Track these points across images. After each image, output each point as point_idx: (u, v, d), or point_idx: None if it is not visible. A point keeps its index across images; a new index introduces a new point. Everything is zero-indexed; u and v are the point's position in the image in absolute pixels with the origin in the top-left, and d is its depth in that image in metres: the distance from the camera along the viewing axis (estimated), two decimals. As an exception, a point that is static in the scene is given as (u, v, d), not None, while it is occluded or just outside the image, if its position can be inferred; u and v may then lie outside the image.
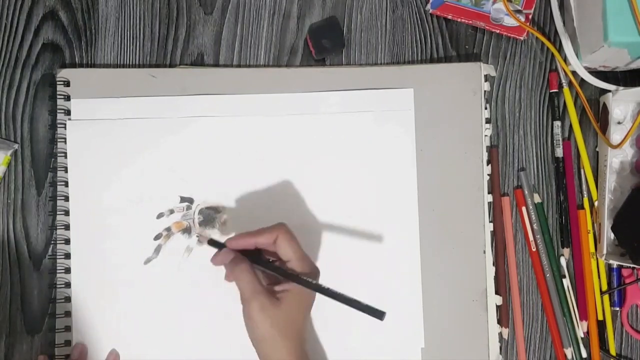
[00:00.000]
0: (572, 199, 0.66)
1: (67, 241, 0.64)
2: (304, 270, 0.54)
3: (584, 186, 0.66)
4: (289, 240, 0.54)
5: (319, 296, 0.54)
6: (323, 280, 0.54)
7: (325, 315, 0.63)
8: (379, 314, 0.50)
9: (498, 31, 0.67)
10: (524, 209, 0.66)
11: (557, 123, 0.66)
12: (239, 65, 0.67)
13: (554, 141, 0.67)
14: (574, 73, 0.66)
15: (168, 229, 0.64)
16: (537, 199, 0.66)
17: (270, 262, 0.56)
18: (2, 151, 0.64)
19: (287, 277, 0.54)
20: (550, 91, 0.67)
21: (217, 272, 0.59)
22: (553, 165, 0.67)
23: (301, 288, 0.53)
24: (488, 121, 0.66)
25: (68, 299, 0.63)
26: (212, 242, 0.57)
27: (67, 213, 0.64)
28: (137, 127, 0.64)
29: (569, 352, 0.65)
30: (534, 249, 0.66)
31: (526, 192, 0.66)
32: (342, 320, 0.63)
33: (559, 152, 0.66)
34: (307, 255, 0.56)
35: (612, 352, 0.65)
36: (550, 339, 0.66)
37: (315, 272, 0.55)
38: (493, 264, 0.65)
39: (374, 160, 0.65)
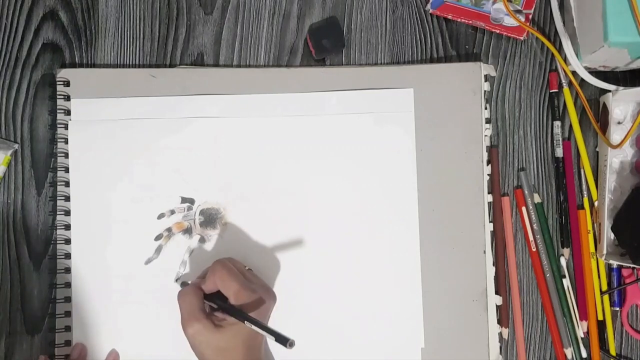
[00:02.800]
0: (572, 199, 0.66)
1: (67, 241, 0.64)
2: (242, 302, 0.55)
3: (584, 186, 0.66)
4: (223, 277, 0.56)
5: (319, 296, 0.54)
6: (323, 279, 0.54)
7: (325, 315, 0.63)
8: (285, 341, 0.51)
9: (498, 31, 0.67)
10: (524, 209, 0.66)
11: (557, 123, 0.66)
12: (239, 65, 0.67)
13: (554, 141, 0.67)
14: (574, 73, 0.66)
15: (169, 230, 0.64)
16: (537, 199, 0.66)
17: (220, 298, 0.57)
18: (2, 151, 0.64)
19: (226, 311, 0.56)
20: (550, 91, 0.67)
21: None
22: (553, 165, 0.67)
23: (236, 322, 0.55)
24: (488, 121, 0.66)
25: (68, 299, 0.63)
26: (182, 284, 0.63)
27: (67, 213, 0.64)
28: (137, 127, 0.64)
29: (569, 352, 0.65)
30: (534, 249, 0.66)
31: (526, 192, 0.66)
32: (342, 321, 0.63)
33: (559, 152, 0.66)
34: (252, 285, 0.57)
35: (612, 352, 0.65)
36: (550, 339, 0.66)
37: (257, 301, 0.56)
38: (493, 264, 0.65)
39: (373, 160, 0.65)
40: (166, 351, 0.63)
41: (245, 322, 0.54)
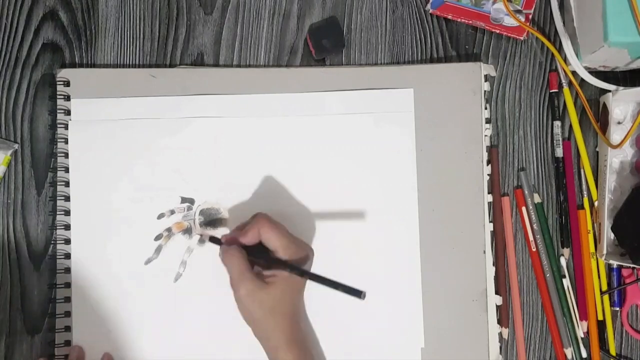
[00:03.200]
0: (572, 199, 0.66)
1: (67, 241, 0.64)
2: (290, 257, 0.56)
3: (584, 186, 0.66)
4: (270, 230, 0.56)
5: (319, 296, 0.54)
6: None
7: (325, 315, 0.63)
8: (358, 294, 0.51)
9: (498, 31, 0.67)
10: (524, 209, 0.66)
11: (557, 123, 0.66)
12: (239, 65, 0.67)
13: (554, 141, 0.67)
14: (574, 73, 0.66)
15: (169, 230, 0.64)
16: (537, 199, 0.66)
17: (262, 252, 0.57)
18: (2, 151, 0.64)
19: (273, 265, 0.56)
20: (550, 91, 0.67)
21: (218, 272, 0.59)
22: (553, 165, 0.67)
23: (288, 273, 0.55)
24: (488, 121, 0.66)
25: (68, 299, 0.63)
26: (212, 239, 0.60)
27: (67, 213, 0.64)
28: (137, 127, 0.64)
29: (569, 352, 0.65)
30: (534, 249, 0.66)
31: (526, 192, 0.66)
32: (342, 320, 0.63)
33: (559, 152, 0.66)
34: (295, 239, 0.57)
35: (612, 352, 0.65)
36: (550, 339, 0.66)
37: (305, 256, 0.57)
38: (493, 264, 0.65)
39: (373, 160, 0.65)
40: (166, 351, 0.63)
41: (303, 275, 0.54)
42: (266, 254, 0.57)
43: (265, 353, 0.57)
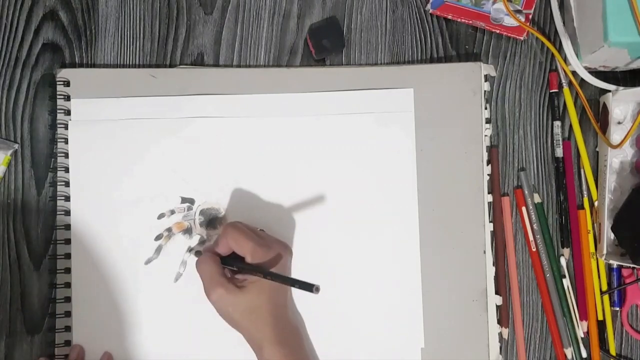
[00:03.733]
0: (572, 199, 0.66)
1: (67, 241, 0.63)
2: (260, 259, 0.56)
3: (584, 186, 0.66)
4: (236, 238, 0.57)
5: (319, 296, 0.54)
6: (323, 279, 0.54)
7: (325, 315, 0.63)
8: (310, 288, 0.52)
9: (498, 31, 0.67)
10: (524, 209, 0.66)
11: (557, 123, 0.66)
12: (239, 65, 0.67)
13: (554, 141, 0.67)
14: (574, 73, 0.66)
15: (169, 230, 0.64)
16: (537, 198, 0.66)
17: (236, 260, 0.58)
18: (2, 151, 0.64)
19: (244, 271, 0.57)
20: (550, 91, 0.67)
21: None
22: (553, 165, 0.67)
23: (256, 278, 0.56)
24: (488, 121, 0.66)
25: (68, 299, 0.63)
26: (197, 254, 0.63)
27: (67, 213, 0.64)
28: (138, 128, 0.64)
29: (569, 352, 0.65)
30: (534, 249, 0.66)
31: (526, 192, 0.66)
32: (343, 320, 0.63)
33: (559, 152, 0.66)
34: (266, 241, 0.58)
35: (612, 352, 0.65)
36: (550, 339, 0.66)
37: (276, 256, 0.57)
38: (493, 264, 0.65)
39: (373, 160, 0.65)
40: (166, 351, 0.63)
41: (266, 276, 0.54)
42: (238, 260, 0.58)
43: (253, 351, 0.57)
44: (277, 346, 0.56)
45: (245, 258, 0.57)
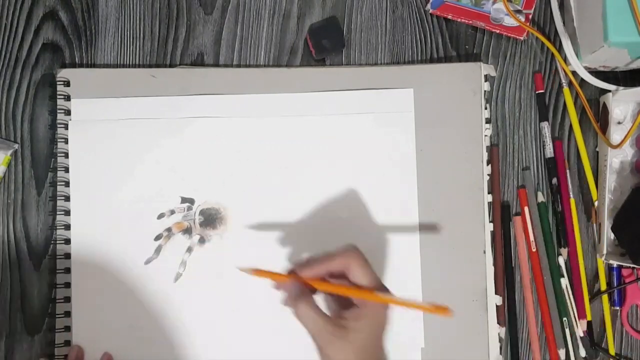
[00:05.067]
0: (567, 199, 0.66)
1: (67, 241, 0.63)
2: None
3: (570, 186, 0.66)
4: (362, 268, 0.51)
5: (318, 296, 0.53)
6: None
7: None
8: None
9: (498, 31, 0.67)
10: (526, 208, 0.66)
11: (545, 124, 0.66)
12: (239, 65, 0.67)
13: (542, 142, 0.66)
14: (574, 73, 0.66)
15: (169, 230, 0.64)
16: (540, 197, 0.66)
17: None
18: (2, 151, 0.64)
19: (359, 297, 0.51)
20: (537, 92, 0.67)
21: (218, 272, 0.59)
22: (550, 166, 0.67)
23: (372, 311, 0.50)
24: (488, 121, 0.66)
25: (68, 299, 0.63)
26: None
27: (67, 213, 0.64)
28: (138, 128, 0.64)
29: (564, 353, 0.65)
30: (534, 249, 0.66)
31: (530, 191, 0.66)
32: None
33: (549, 153, 0.66)
34: (379, 277, 0.52)
35: (612, 352, 0.65)
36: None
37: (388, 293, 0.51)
38: (493, 264, 0.65)
39: (373, 160, 0.65)
40: (166, 351, 0.63)
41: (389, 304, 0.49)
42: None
43: None
44: None
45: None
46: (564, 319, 0.65)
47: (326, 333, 0.49)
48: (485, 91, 0.65)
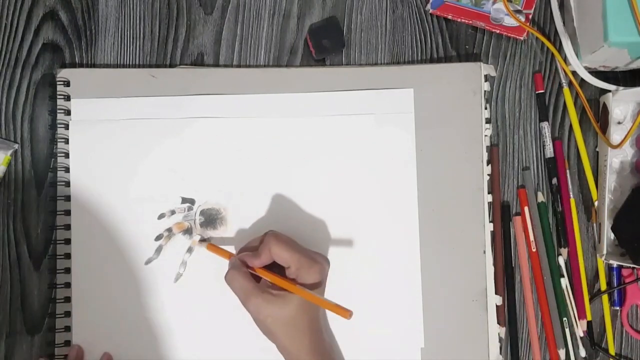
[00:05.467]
0: (567, 199, 0.66)
1: (67, 241, 0.63)
2: (305, 272, 0.55)
3: (570, 187, 0.66)
4: (280, 248, 0.56)
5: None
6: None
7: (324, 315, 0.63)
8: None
9: (498, 31, 0.67)
10: (526, 208, 0.66)
11: (545, 124, 0.66)
12: (239, 65, 0.67)
13: (542, 142, 0.66)
14: (574, 73, 0.66)
15: (169, 230, 0.64)
16: (540, 197, 0.66)
17: (275, 269, 0.57)
18: (2, 151, 0.64)
19: (279, 285, 0.56)
20: (537, 92, 0.67)
21: (218, 272, 0.59)
22: (550, 166, 0.67)
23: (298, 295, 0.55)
24: (488, 121, 0.66)
25: (68, 299, 0.63)
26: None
27: (67, 213, 0.64)
28: (138, 128, 0.64)
29: (563, 353, 0.65)
30: (534, 249, 0.66)
31: (530, 191, 0.66)
32: (342, 320, 0.63)
33: (549, 153, 0.66)
34: (308, 252, 0.57)
35: (612, 351, 0.65)
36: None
37: (320, 268, 0.56)
38: (493, 264, 0.65)
39: (373, 160, 0.65)
40: (166, 351, 0.63)
41: (303, 295, 0.54)
42: (278, 272, 0.57)
43: None
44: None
45: (288, 269, 0.56)
46: (564, 319, 0.65)
47: (253, 297, 0.55)
48: (485, 91, 0.65)
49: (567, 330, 0.65)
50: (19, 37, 0.66)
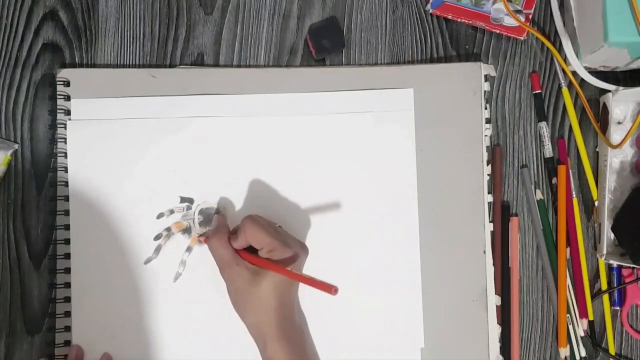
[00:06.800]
0: (569, 198, 0.66)
1: (67, 241, 0.63)
2: (277, 256, 0.56)
3: (572, 186, 0.66)
4: (254, 231, 0.57)
5: (319, 296, 0.54)
6: (323, 279, 0.54)
7: (325, 315, 0.63)
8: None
9: (498, 31, 0.67)
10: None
11: (542, 124, 0.66)
12: (239, 65, 0.67)
13: (540, 142, 0.66)
14: (574, 73, 0.66)
15: (168, 229, 0.64)
16: (539, 195, 0.66)
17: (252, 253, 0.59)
18: (2, 151, 0.64)
19: (260, 263, 0.57)
20: (534, 92, 0.67)
21: (217, 272, 0.59)
22: (549, 166, 0.66)
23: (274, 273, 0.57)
24: (488, 121, 0.66)
25: (68, 299, 0.63)
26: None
27: (67, 213, 0.64)
28: (137, 127, 0.64)
29: (563, 352, 0.65)
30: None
31: (528, 189, 0.66)
32: (342, 320, 0.63)
33: (548, 153, 0.66)
34: (285, 237, 0.58)
35: (612, 351, 0.65)
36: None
37: (293, 254, 0.57)
38: (493, 264, 0.65)
39: (373, 160, 0.65)
40: (166, 351, 0.63)
41: (283, 272, 0.55)
42: (255, 254, 0.58)
43: (256, 344, 0.57)
44: (280, 343, 0.56)
45: (260, 250, 0.57)
46: (567, 315, 0.65)
47: (224, 259, 0.57)
48: (485, 91, 0.65)
49: (570, 327, 0.65)
50: (19, 37, 0.66)
